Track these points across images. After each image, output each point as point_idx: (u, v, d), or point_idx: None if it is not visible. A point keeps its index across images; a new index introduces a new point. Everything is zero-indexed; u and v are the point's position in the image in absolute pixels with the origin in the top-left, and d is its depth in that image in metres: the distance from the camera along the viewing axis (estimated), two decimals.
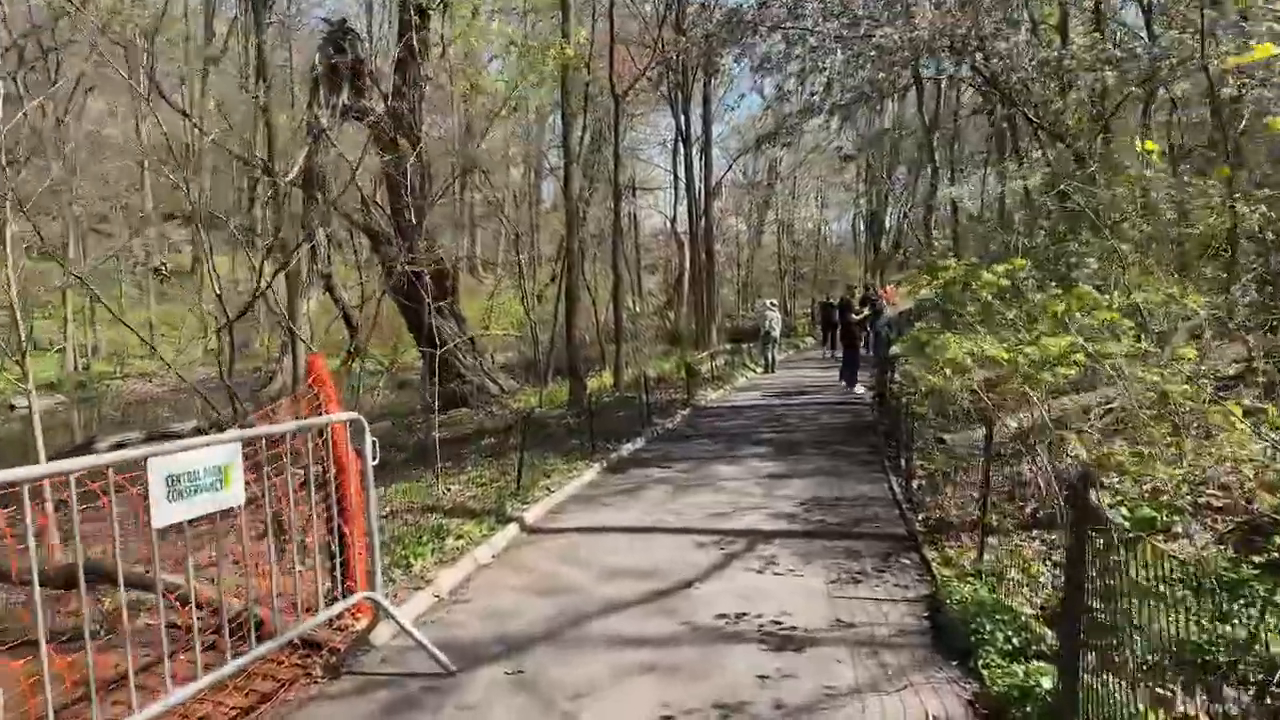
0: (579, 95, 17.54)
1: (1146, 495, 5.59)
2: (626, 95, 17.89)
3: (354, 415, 4.40)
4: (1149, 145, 6.56)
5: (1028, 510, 6.40)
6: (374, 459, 4.24)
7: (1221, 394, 6.53)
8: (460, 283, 27.79)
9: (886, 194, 54.05)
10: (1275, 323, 8.31)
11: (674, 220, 38.34)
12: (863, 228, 60.79)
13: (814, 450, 9.89)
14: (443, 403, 20.28)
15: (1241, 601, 3.19)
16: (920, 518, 6.36)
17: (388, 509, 7.11)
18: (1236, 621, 3.12)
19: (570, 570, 5.54)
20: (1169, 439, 5.84)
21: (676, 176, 35.24)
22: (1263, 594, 3.14)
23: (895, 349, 16.88)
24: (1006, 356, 4.90)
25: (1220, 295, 7.92)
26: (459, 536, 6.09)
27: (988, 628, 3.87)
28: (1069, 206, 11.41)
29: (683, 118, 30.61)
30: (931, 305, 22.78)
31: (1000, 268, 5.86)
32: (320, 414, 4.43)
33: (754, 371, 21.89)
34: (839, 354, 29.64)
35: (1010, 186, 16.07)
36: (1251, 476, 6.05)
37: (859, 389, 15.52)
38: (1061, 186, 11.34)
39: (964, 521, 6.02)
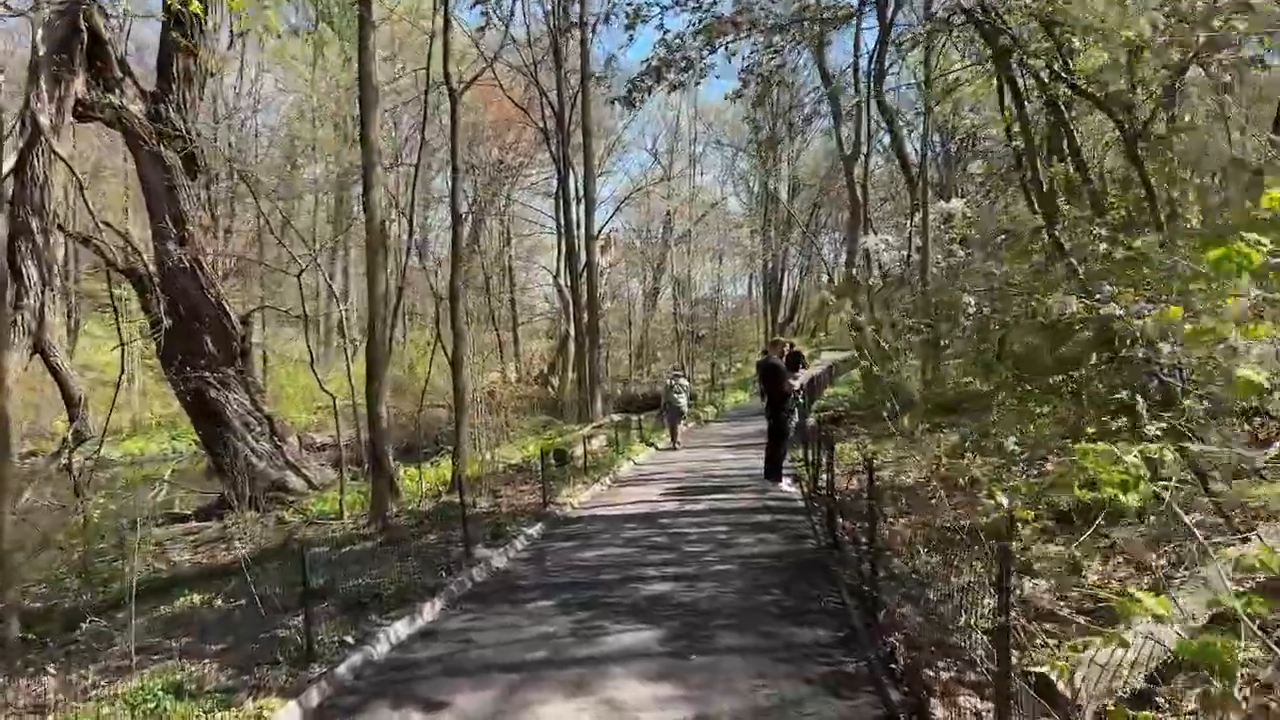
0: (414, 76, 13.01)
1: None
2: (464, 93, 13.47)
3: None
4: None
5: None
6: None
7: None
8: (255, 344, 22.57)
9: (784, 253, 51.54)
10: None
11: (557, 275, 34.02)
12: (759, 290, 58.28)
13: (739, 636, 5.32)
14: (219, 504, 14.99)
15: None
16: None
17: None
18: None
19: None
20: None
21: (559, 224, 31.02)
22: None
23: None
24: None
25: None
26: None
27: None
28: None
29: (561, 157, 26.55)
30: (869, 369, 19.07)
31: None
32: None
33: (650, 448, 17.42)
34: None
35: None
36: None
37: (785, 484, 11.18)
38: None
39: None
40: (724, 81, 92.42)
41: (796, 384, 11.86)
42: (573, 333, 27.91)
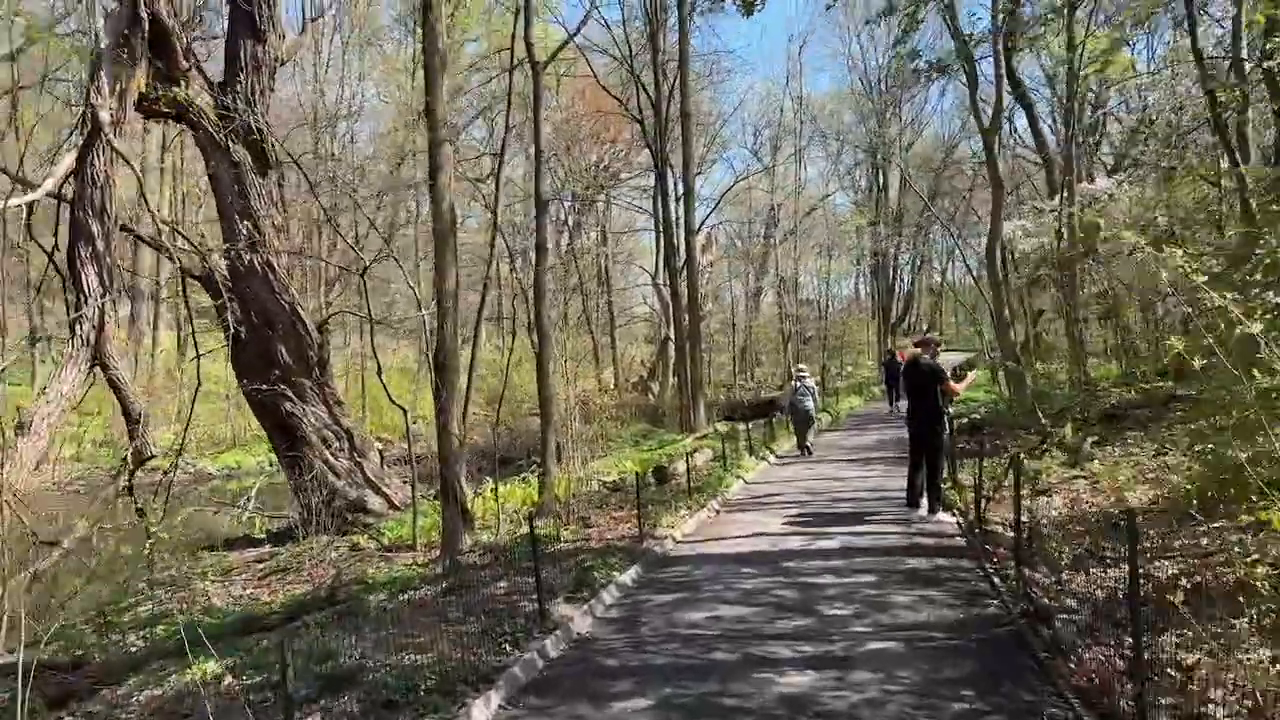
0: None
1: None
2: (548, 66, 11.94)
3: None
4: None
5: None
6: None
7: None
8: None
9: (897, 253, 48.45)
10: None
11: (656, 275, 32.40)
12: (867, 289, 55.03)
13: None
14: (290, 527, 13.94)
15: None
16: None
17: None
18: None
19: None
20: None
21: (657, 221, 29.40)
22: None
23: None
24: None
25: None
26: None
27: None
28: None
29: (659, 150, 24.87)
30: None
31: None
32: None
33: (762, 463, 15.50)
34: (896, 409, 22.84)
35: None
36: None
37: (942, 514, 9.10)
38: None
39: None
40: (828, 74, 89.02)
41: (962, 388, 9.75)
42: (672, 336, 26.24)
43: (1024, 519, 6.80)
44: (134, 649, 8.46)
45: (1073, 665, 4.54)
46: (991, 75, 20.07)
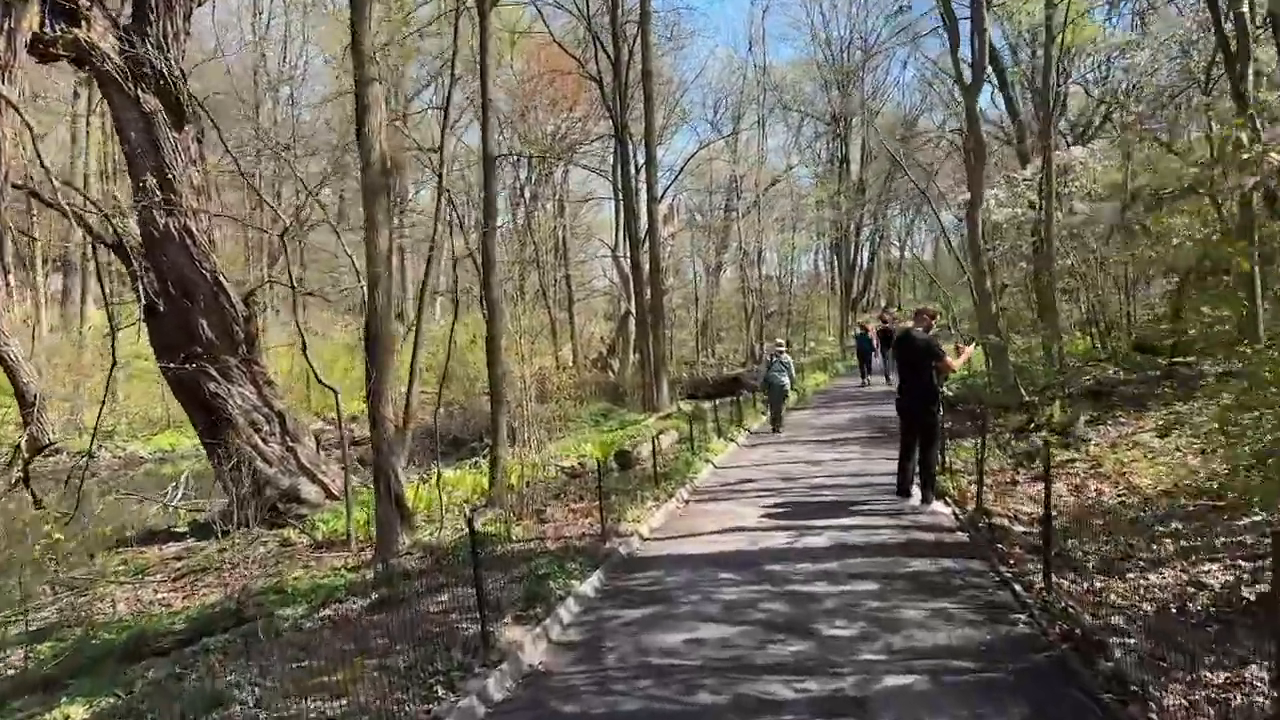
0: None
1: None
2: (495, 6, 10.70)
3: None
4: None
5: None
6: None
7: None
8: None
9: (858, 228, 47.68)
10: None
11: (616, 248, 31.18)
12: (826, 266, 54.48)
13: None
14: (223, 517, 12.65)
15: None
16: None
17: None
18: None
19: None
20: None
21: (616, 189, 28.16)
22: None
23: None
24: None
25: None
26: None
27: None
28: None
29: (618, 112, 23.62)
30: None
31: None
32: None
33: (731, 444, 14.55)
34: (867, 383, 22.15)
35: None
36: None
37: (936, 505, 8.21)
38: None
39: None
40: (790, 44, 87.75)
41: (959, 364, 8.85)
42: (633, 310, 25.16)
43: (1018, 506, 5.89)
44: (14, 672, 7.25)
45: (1154, 716, 3.60)
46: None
